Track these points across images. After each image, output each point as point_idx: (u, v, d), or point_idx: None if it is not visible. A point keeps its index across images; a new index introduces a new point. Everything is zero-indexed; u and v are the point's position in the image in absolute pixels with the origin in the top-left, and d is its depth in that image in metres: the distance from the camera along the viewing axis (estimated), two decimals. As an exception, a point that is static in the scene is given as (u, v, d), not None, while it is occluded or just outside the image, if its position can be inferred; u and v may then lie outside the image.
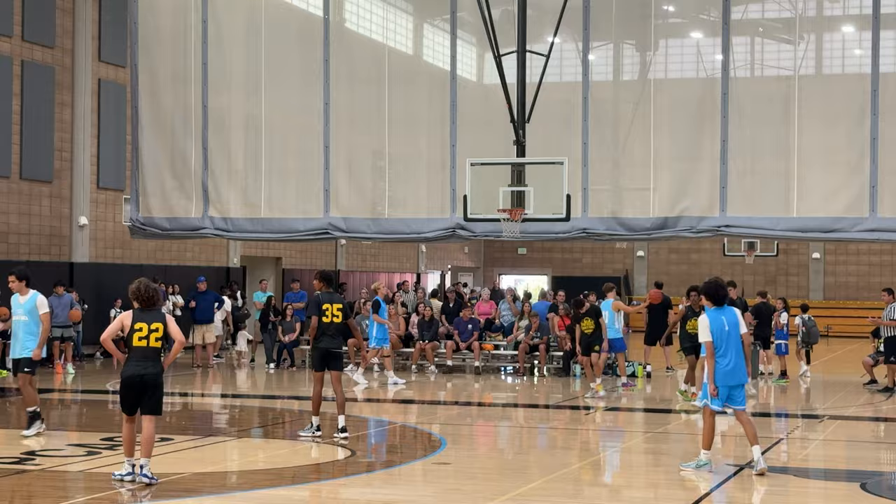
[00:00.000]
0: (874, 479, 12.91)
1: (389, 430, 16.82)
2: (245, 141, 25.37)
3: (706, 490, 11.96)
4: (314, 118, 24.67)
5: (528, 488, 12.09)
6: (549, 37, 22.43)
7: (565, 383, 23.92)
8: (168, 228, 25.73)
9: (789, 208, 22.30)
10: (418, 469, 13.52)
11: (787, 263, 45.72)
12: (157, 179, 25.61)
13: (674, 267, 46.72)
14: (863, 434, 17.86)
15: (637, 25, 24.06)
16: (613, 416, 19.13)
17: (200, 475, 12.63)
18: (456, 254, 48.15)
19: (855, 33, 23.48)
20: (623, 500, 12.07)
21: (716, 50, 23.23)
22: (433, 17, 27.23)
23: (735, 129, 22.50)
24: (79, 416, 18.90)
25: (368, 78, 24.99)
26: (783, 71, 23.36)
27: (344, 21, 26.01)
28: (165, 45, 25.76)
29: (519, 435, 17.52)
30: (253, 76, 25.37)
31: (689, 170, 22.90)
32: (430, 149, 24.48)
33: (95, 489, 11.57)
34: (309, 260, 37.97)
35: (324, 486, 12.31)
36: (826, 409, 19.74)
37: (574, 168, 21.91)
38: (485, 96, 24.51)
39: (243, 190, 25.26)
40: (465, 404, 20.84)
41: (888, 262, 45.03)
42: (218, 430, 16.72)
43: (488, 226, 22.21)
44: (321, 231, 24.75)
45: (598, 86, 23.76)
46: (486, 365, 26.16)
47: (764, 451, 14.97)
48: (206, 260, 33.13)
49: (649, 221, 22.95)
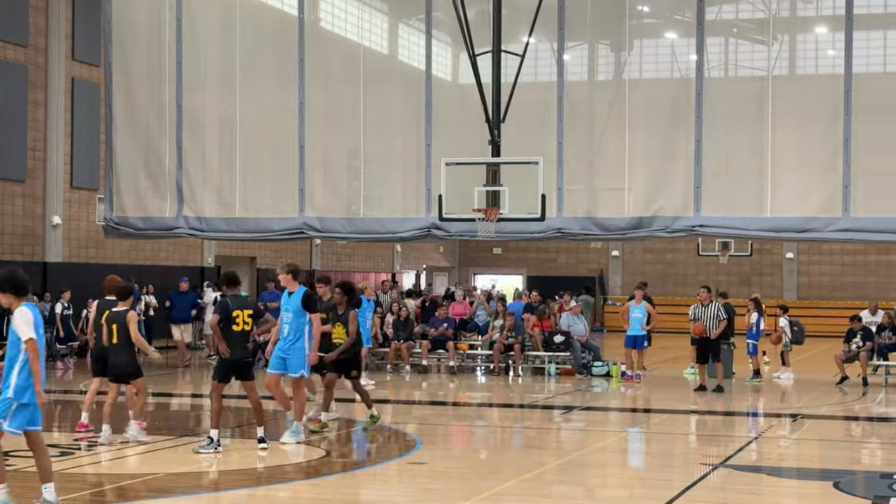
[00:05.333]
0: (847, 478, 12.97)
1: (365, 430, 16.79)
2: (220, 140, 25.30)
3: (681, 489, 11.99)
4: (289, 118, 24.62)
5: (502, 488, 12.09)
6: (525, 37, 22.45)
7: (540, 382, 23.96)
8: (142, 228, 25.64)
9: (763, 208, 22.39)
10: (393, 469, 13.51)
11: (761, 263, 45.88)
12: (131, 179, 25.52)
13: (649, 267, 46.82)
14: (836, 433, 17.95)
15: (612, 25, 24.11)
16: (588, 416, 19.17)
17: (174, 475, 12.59)
18: (431, 253, 48.14)
19: (828, 34, 23.58)
20: (598, 499, 12.10)
21: (690, 50, 23.29)
22: (408, 16, 27.22)
23: (709, 129, 22.57)
24: (52, 416, 18.78)
25: (344, 77, 24.96)
26: (757, 71, 23.44)
27: (319, 20, 25.97)
28: (139, 43, 25.67)
29: (494, 434, 17.52)
30: (228, 75, 25.30)
31: (664, 170, 22.96)
32: (405, 148, 24.47)
33: (70, 489, 11.51)
34: (284, 260, 37.84)
35: (298, 487, 12.28)
36: (799, 409, 19.83)
37: (549, 168, 21.93)
38: (460, 96, 24.51)
39: (218, 189, 25.19)
40: (440, 404, 20.84)
41: (861, 262, 45.26)
42: (192, 430, 16.65)
43: (463, 225, 22.21)
44: (296, 231, 24.72)
45: (573, 86, 23.79)
46: (462, 365, 26.17)
47: (738, 450, 15.03)
48: (180, 260, 33.03)
49: (624, 221, 22.99)
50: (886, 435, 17.97)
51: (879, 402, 21.46)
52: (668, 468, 14.00)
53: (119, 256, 30.43)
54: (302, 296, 14.66)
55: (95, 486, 11.70)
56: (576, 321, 26.01)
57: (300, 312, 14.68)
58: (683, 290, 45.19)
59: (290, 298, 14.80)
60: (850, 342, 24.12)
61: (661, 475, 13.34)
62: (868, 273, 45.07)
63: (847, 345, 24.13)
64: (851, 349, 23.96)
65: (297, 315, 14.70)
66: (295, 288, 14.80)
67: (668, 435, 16.99)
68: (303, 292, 14.72)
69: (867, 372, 23.73)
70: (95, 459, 13.04)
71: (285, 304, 14.89)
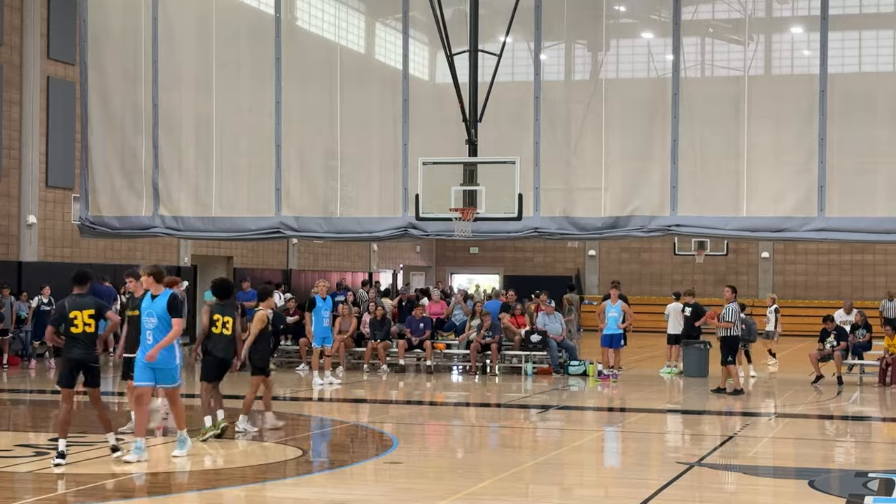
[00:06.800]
0: (822, 477, 13.03)
1: (341, 430, 16.79)
2: (196, 139, 25.21)
3: (657, 488, 12.03)
4: (266, 117, 24.56)
5: (479, 487, 12.10)
6: (501, 36, 22.46)
7: (517, 382, 23.99)
8: (118, 227, 25.53)
9: (739, 208, 22.46)
10: (370, 468, 13.51)
11: (737, 263, 46.07)
12: (106, 178, 25.40)
13: (625, 266, 46.94)
14: (811, 432, 18.03)
15: (588, 25, 24.14)
16: (565, 415, 19.20)
17: (149, 475, 12.54)
18: (408, 253, 48.14)
19: (803, 34, 23.66)
20: (574, 498, 12.11)
21: (666, 50, 23.35)
22: (385, 16, 27.19)
23: (685, 129, 22.62)
24: (26, 416, 18.71)
25: (320, 77, 24.91)
26: (733, 71, 23.51)
27: (295, 20, 25.92)
28: (115, 42, 25.55)
29: (471, 434, 17.54)
30: (204, 74, 25.21)
31: (640, 169, 23.01)
32: (382, 148, 24.45)
33: (45, 490, 11.48)
34: (261, 259, 37.84)
35: (274, 486, 12.26)
36: (775, 407, 19.90)
37: (526, 167, 21.95)
38: (437, 96, 24.50)
39: (194, 189, 25.11)
40: (417, 403, 20.84)
41: (836, 262, 45.50)
42: (164, 430, 16.59)
43: (440, 225, 22.22)
44: (273, 230, 24.66)
45: (549, 85, 23.81)
46: (438, 364, 26.17)
47: (714, 448, 15.09)
48: (156, 259, 32.89)
49: (601, 221, 23.03)
50: (861, 433, 18.07)
51: (854, 400, 21.57)
52: (645, 467, 14.03)
53: (94, 256, 30.31)
54: (167, 299, 13.32)
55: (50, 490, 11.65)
56: (552, 320, 26.07)
57: (166, 317, 13.30)
58: (660, 289, 45.33)
59: (153, 302, 13.41)
60: (824, 342, 24.26)
61: (637, 474, 13.37)
62: (843, 272, 45.32)
63: (822, 344, 24.26)
64: (826, 348, 24.09)
65: (163, 320, 13.31)
66: (159, 291, 13.45)
67: (644, 434, 17.03)
68: (168, 295, 13.38)
69: (842, 371, 23.86)
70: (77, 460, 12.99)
71: (148, 309, 13.42)
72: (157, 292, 13.44)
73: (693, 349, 25.28)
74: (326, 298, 22.70)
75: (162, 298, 13.36)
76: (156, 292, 13.45)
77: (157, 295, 13.42)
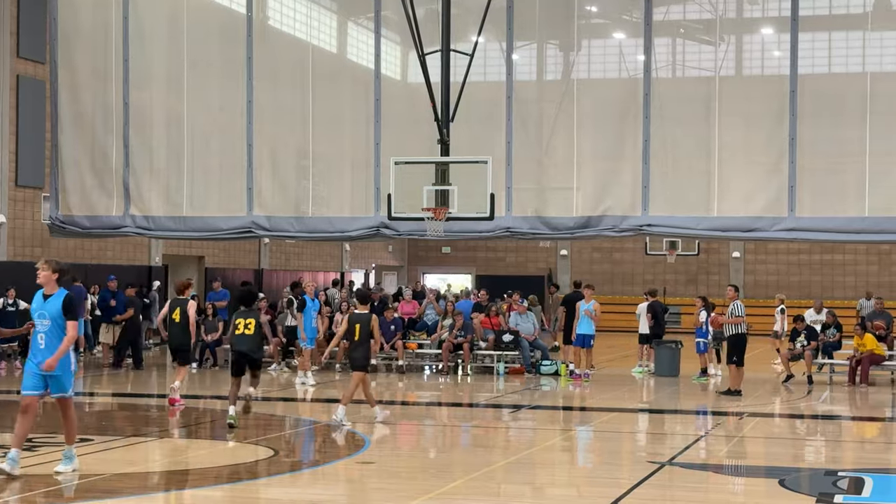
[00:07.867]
0: (792, 476, 13.09)
1: (313, 430, 16.76)
2: (167, 139, 25.11)
3: (629, 487, 12.06)
4: (237, 116, 24.49)
5: (451, 486, 12.11)
6: (474, 36, 22.47)
7: (489, 381, 24.00)
8: (88, 227, 25.40)
9: (710, 208, 22.55)
10: (341, 468, 13.49)
11: (708, 262, 46.23)
12: (77, 177, 25.26)
13: (597, 266, 47.02)
14: (781, 431, 18.12)
15: (560, 26, 24.19)
16: (536, 415, 19.22)
17: (121, 476, 12.49)
18: (380, 252, 48.08)
19: (774, 35, 23.77)
20: (546, 498, 12.14)
21: (638, 50, 23.43)
22: (357, 15, 27.16)
23: (657, 129, 22.70)
24: None
25: (292, 76, 24.86)
26: (704, 72, 23.61)
27: (267, 19, 25.86)
28: (86, 41, 25.42)
29: (442, 434, 17.54)
30: (175, 73, 25.11)
31: (612, 169, 23.06)
32: (354, 147, 24.42)
33: (23, 489, 11.40)
34: (232, 259, 37.71)
35: (247, 486, 12.23)
36: (745, 407, 19.99)
37: (498, 167, 21.98)
38: (409, 95, 24.50)
39: (165, 188, 25.01)
40: (389, 403, 20.81)
41: (806, 262, 45.71)
42: (139, 430, 16.53)
43: (412, 225, 22.22)
44: (244, 230, 24.60)
45: (521, 85, 23.84)
46: (410, 364, 26.15)
47: (685, 447, 15.14)
48: (127, 259, 32.77)
49: (572, 220, 23.07)
50: (831, 432, 18.18)
51: (824, 399, 21.70)
52: (616, 466, 14.07)
53: (65, 255, 30.08)
54: (63, 300, 11.99)
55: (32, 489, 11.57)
56: (524, 320, 26.10)
57: (60, 319, 11.98)
58: (631, 289, 45.43)
59: (46, 303, 12.06)
60: (794, 341, 24.39)
61: (609, 473, 13.40)
62: (813, 272, 45.53)
63: (792, 343, 24.39)
64: (796, 348, 24.22)
65: (57, 321, 11.98)
66: (55, 290, 12.10)
67: (615, 433, 17.08)
68: (63, 296, 12.04)
69: (812, 370, 24.00)
70: (41, 460, 12.91)
71: (40, 309, 12.07)
72: (52, 291, 12.09)
73: (664, 349, 25.35)
74: (314, 298, 22.83)
75: (56, 298, 12.01)
76: (50, 291, 12.10)
77: (50, 294, 12.09)
